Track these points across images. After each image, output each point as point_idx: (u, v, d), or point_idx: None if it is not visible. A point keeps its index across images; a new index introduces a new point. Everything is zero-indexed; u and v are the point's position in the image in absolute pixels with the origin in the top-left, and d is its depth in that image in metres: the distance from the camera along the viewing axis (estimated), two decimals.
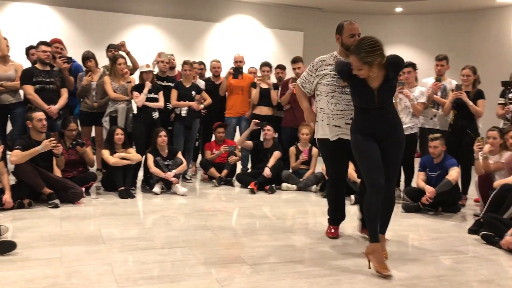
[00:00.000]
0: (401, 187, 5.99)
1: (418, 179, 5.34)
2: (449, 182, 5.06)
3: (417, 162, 5.66)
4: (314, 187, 6.25)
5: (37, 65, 5.70)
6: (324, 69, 3.82)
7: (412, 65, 5.90)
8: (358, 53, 3.21)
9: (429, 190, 5.05)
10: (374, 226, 3.29)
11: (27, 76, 5.58)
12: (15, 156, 4.72)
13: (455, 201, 5.32)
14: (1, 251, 3.29)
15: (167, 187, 5.80)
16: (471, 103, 5.54)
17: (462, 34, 10.77)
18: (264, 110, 6.83)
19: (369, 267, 3.24)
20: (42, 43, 5.74)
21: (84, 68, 6.43)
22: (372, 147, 3.33)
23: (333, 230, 4.10)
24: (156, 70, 6.67)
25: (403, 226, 4.57)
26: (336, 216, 4.12)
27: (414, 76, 5.97)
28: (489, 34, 10.63)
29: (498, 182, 4.62)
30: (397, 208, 3.09)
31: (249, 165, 6.94)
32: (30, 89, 5.54)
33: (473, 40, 10.83)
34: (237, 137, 6.98)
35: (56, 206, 4.76)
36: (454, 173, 5.13)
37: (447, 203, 5.20)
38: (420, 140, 6.07)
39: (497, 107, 6.07)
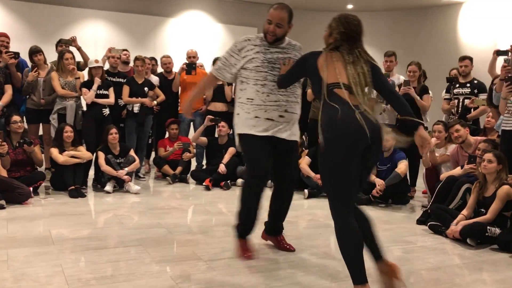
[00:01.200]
0: None
1: None
2: (398, 175, 5.22)
3: None
4: (268, 182, 6.29)
5: None
6: (252, 49, 3.29)
7: None
8: None
9: (379, 183, 5.20)
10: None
11: None
12: None
13: (404, 193, 5.50)
14: None
15: (120, 185, 5.69)
16: (418, 97, 5.72)
17: (410, 31, 11.10)
18: (218, 106, 6.80)
19: None
20: None
21: (29, 64, 6.19)
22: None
23: (247, 251, 3.34)
24: (106, 66, 6.52)
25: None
26: (247, 224, 3.35)
27: None
28: (435, 31, 11.02)
29: (444, 175, 4.82)
30: None
31: (204, 162, 6.91)
32: None
33: (420, 37, 11.19)
34: (191, 133, 6.93)
35: (1, 207, 4.57)
36: (402, 166, 5.30)
37: (396, 195, 5.37)
38: None
39: (442, 102, 6.32)
